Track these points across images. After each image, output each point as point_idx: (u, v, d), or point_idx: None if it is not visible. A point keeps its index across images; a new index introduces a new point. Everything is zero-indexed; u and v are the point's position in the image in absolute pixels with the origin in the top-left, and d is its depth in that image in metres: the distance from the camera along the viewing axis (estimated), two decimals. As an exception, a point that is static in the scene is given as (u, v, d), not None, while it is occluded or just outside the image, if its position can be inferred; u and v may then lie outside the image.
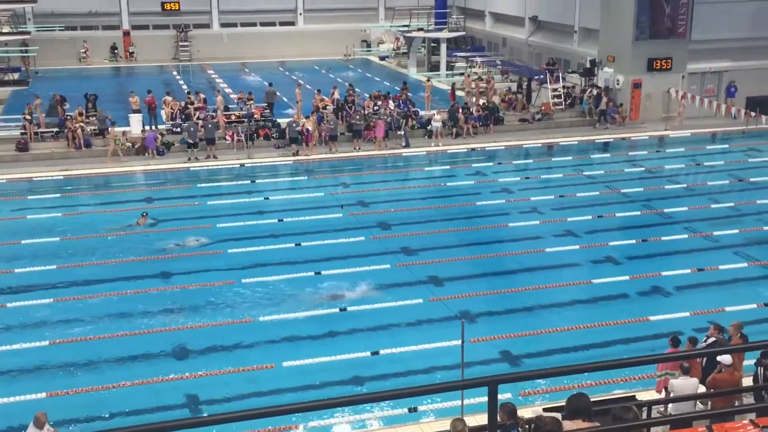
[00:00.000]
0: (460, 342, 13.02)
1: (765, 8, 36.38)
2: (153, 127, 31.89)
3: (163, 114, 32.89)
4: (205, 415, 14.18)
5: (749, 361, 14.80)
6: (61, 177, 28.11)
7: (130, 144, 30.41)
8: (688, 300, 18.65)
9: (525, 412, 11.06)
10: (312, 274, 20.09)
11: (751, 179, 27.84)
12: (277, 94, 35.34)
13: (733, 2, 35.62)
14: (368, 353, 16.27)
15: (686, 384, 12.53)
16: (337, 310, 18.23)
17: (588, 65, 37.52)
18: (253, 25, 52.85)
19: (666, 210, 24.76)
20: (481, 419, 6.72)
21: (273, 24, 53.35)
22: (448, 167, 30.40)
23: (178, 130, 31.50)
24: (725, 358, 12.55)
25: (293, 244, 22.01)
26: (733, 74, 36.45)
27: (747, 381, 13.39)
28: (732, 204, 25.40)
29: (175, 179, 28.59)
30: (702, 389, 12.69)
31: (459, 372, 13.25)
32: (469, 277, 20.11)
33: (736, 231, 22.88)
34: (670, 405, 12.66)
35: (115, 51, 50.59)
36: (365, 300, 18.73)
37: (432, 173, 30.21)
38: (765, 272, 20.49)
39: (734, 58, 36.41)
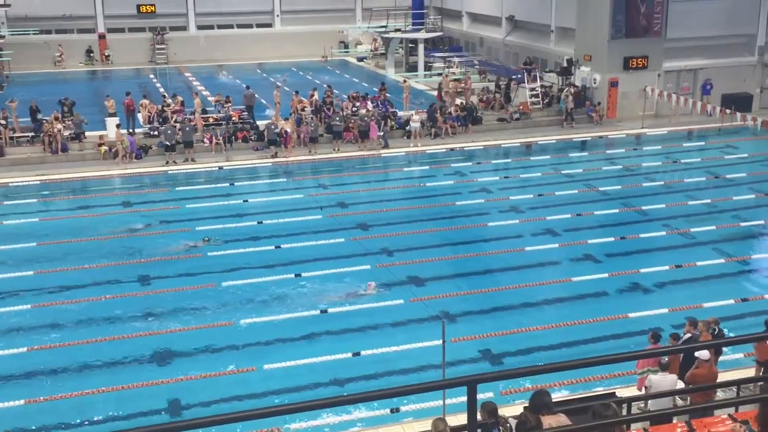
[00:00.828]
0: (441, 342, 13.07)
1: (738, 6, 36.76)
2: (131, 130, 31.71)
3: (140, 117, 32.69)
4: (187, 418, 14.12)
5: (732, 356, 15.06)
6: (38, 182, 27.88)
7: (107, 148, 30.23)
8: (666, 296, 18.80)
9: (506, 411, 11.11)
10: (292, 276, 20.06)
11: (728, 176, 28.12)
12: (256, 96, 35.16)
13: (707, 1, 35.96)
14: (350, 354, 16.28)
15: (664, 380, 12.65)
16: (318, 311, 18.20)
17: (565, 64, 37.72)
18: (230, 27, 52.68)
19: (644, 207, 24.95)
20: (463, 419, 6.75)
21: (250, 26, 53.20)
22: (427, 167, 30.45)
23: (156, 133, 31.32)
24: (703, 354, 12.69)
25: (273, 246, 21.96)
26: (708, 72, 36.81)
27: (724, 376, 13.55)
28: (709, 201, 25.65)
29: (153, 183, 28.46)
30: (681, 385, 12.81)
31: (440, 372, 13.29)
32: (449, 277, 20.16)
33: (713, 227, 23.10)
34: (649, 401, 12.77)
35: (91, 54, 50.26)
36: (346, 301, 18.74)
37: (411, 174, 30.26)
38: (741, 268, 20.72)
39: (709, 55, 36.77)
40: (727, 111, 33.75)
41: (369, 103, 34.21)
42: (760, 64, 37.58)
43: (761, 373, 13.70)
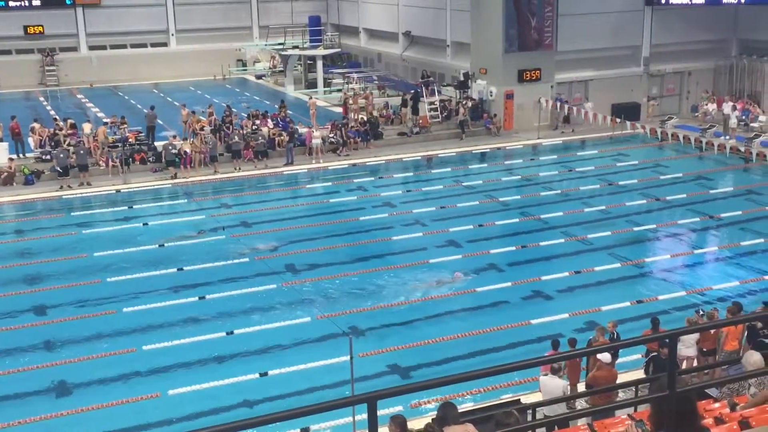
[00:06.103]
0: (349, 358, 13.06)
1: (624, 19, 38.25)
2: (21, 155, 30.59)
3: (32, 142, 31.53)
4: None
5: (630, 357, 15.56)
6: None
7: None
8: (567, 302, 19.29)
9: (415, 424, 11.20)
10: (196, 299, 19.71)
11: (620, 183, 29.12)
12: (158, 118, 34.20)
13: (594, 14, 37.28)
14: (257, 375, 16.09)
15: (551, 382, 13.03)
16: (224, 333, 17.91)
17: (462, 78, 38.40)
18: (124, 47, 51.42)
19: (543, 216, 25.57)
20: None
21: (144, 45, 52.07)
22: (330, 184, 30.37)
23: (48, 157, 30.29)
24: (604, 357, 13.10)
25: (175, 269, 21.52)
26: (597, 83, 38.09)
27: (623, 377, 14.01)
28: (603, 207, 26.50)
29: (46, 209, 27.44)
30: (581, 388, 13.18)
31: (350, 388, 13.26)
32: (355, 293, 20.15)
33: (609, 233, 23.85)
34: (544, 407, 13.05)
35: (-24, 77, 48.24)
36: (252, 321, 18.52)
37: (314, 190, 30.12)
38: (636, 271, 21.47)
39: (598, 67, 38.10)
40: (618, 120, 35.04)
41: (269, 121, 34.00)
42: (646, 74, 39.19)
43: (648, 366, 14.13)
